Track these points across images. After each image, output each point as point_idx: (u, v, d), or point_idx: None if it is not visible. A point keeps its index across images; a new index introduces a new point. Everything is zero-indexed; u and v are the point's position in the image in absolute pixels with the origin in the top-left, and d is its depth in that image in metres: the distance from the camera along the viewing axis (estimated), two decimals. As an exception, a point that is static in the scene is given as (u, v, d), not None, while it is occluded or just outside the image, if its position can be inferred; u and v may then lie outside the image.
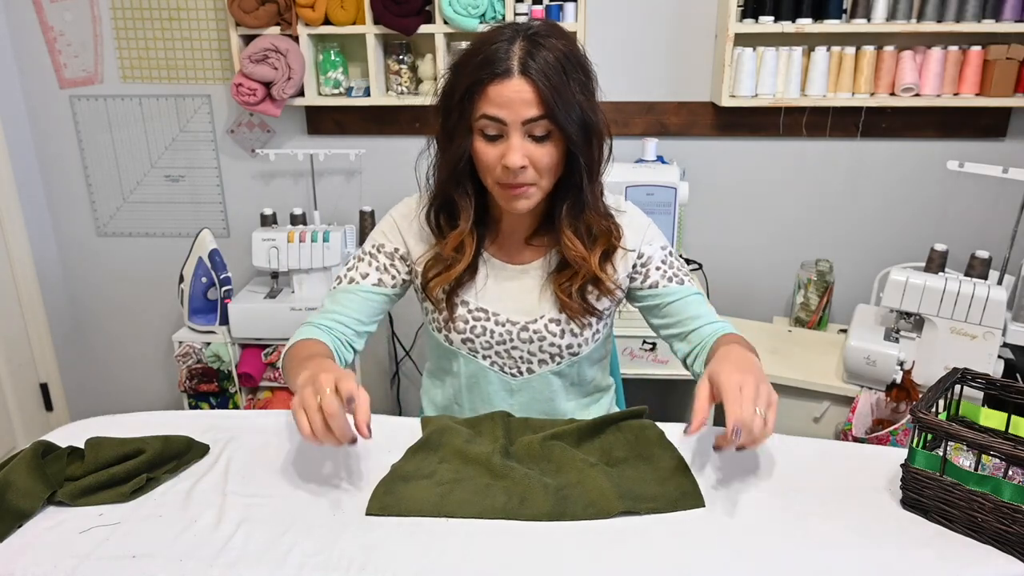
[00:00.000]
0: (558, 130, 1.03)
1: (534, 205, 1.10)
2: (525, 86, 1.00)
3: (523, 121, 1.01)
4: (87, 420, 1.15)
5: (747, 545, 0.88)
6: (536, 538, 0.90)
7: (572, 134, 1.03)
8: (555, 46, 1.02)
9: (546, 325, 1.18)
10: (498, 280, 1.20)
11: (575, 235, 1.13)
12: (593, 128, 1.06)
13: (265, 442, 1.09)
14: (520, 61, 1.01)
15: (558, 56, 1.02)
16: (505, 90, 1.01)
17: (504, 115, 1.02)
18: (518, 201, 1.08)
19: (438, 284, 1.17)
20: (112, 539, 0.89)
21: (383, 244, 1.22)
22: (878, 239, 2.29)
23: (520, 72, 1.00)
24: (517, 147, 1.02)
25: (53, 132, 2.42)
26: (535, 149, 1.04)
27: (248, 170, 2.42)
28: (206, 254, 2.17)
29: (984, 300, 1.61)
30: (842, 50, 2.03)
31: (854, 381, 1.80)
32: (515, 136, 1.02)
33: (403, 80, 2.19)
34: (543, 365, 1.22)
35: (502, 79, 1.01)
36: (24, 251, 2.43)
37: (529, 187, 1.07)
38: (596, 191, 1.13)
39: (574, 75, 1.03)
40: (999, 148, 2.16)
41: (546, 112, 1.01)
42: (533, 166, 1.05)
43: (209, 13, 2.25)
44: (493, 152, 1.05)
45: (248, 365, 2.18)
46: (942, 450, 0.93)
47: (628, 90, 2.20)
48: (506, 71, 1.01)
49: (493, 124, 1.03)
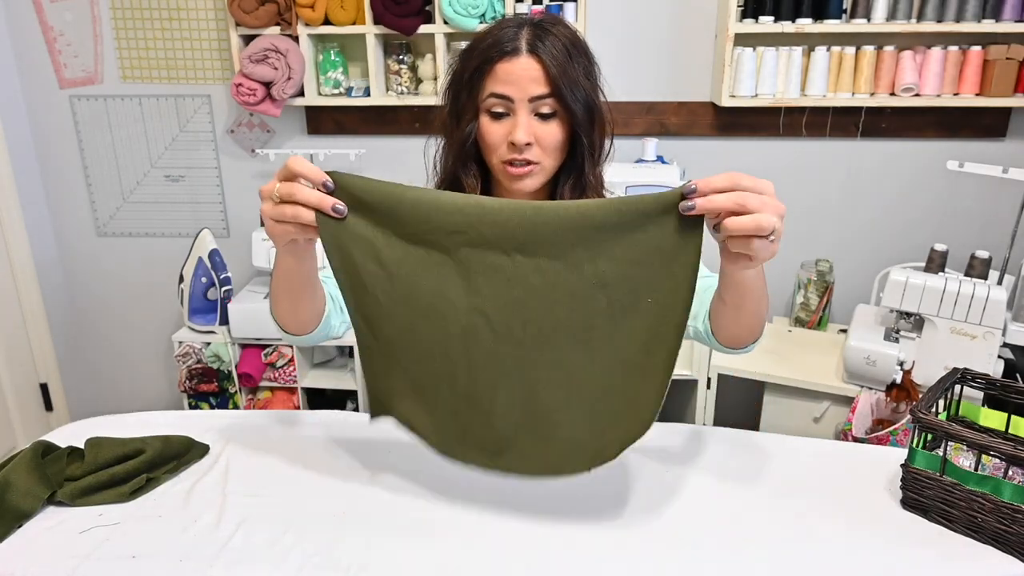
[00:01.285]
0: (563, 109, 1.05)
1: (538, 185, 1.11)
2: (533, 63, 1.03)
3: (530, 98, 1.04)
4: (87, 420, 1.16)
5: (747, 545, 0.88)
6: (536, 538, 0.90)
7: (577, 113, 1.05)
8: (561, 32, 1.06)
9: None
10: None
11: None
12: (596, 111, 1.09)
13: (265, 442, 1.09)
14: (528, 42, 1.04)
15: (564, 41, 1.05)
16: (514, 68, 1.04)
17: (511, 92, 1.04)
18: (522, 180, 1.09)
19: None
20: (112, 539, 0.89)
21: None
22: (878, 239, 2.29)
23: (528, 51, 1.04)
24: (523, 123, 1.05)
25: (53, 132, 2.42)
26: (540, 127, 1.06)
27: (248, 170, 2.42)
28: (206, 254, 2.17)
29: (984, 300, 1.61)
30: (842, 50, 2.03)
31: (854, 381, 1.80)
32: (522, 113, 1.05)
33: (403, 80, 2.19)
34: None
35: (511, 57, 1.04)
36: (24, 251, 2.43)
37: (533, 166, 1.08)
38: (598, 175, 1.14)
39: (579, 59, 1.06)
40: (999, 148, 2.16)
41: (552, 90, 1.04)
42: (538, 144, 1.07)
43: (209, 13, 2.25)
44: (500, 130, 1.07)
45: (248, 365, 2.18)
46: (942, 450, 0.93)
47: (628, 90, 2.20)
48: (514, 50, 1.04)
49: (500, 102, 1.05)
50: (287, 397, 2.26)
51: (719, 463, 1.04)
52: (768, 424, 1.94)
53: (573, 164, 1.11)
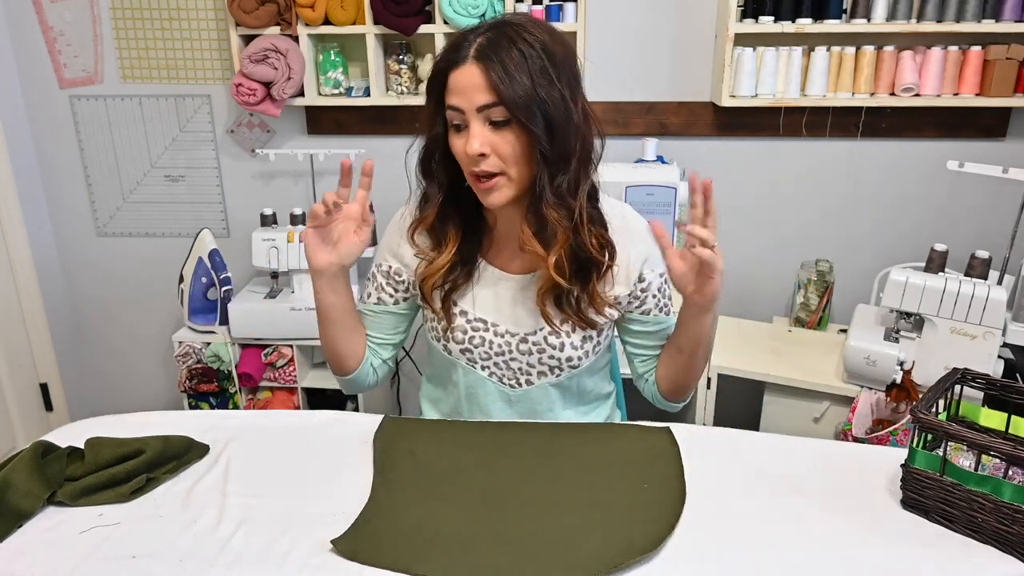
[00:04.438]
0: (514, 116, 1.01)
1: (508, 198, 1.07)
2: (476, 71, 1.00)
3: (478, 108, 1.01)
4: (87, 420, 1.16)
5: (747, 545, 0.88)
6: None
7: (528, 120, 1.00)
8: (521, 36, 1.01)
9: (545, 337, 1.17)
10: (497, 290, 1.19)
11: (533, 232, 1.08)
12: (558, 118, 1.02)
13: (265, 442, 1.09)
14: (477, 48, 1.01)
15: (522, 45, 1.00)
16: (460, 77, 1.01)
17: (460, 102, 1.02)
18: (490, 194, 1.06)
19: (428, 280, 1.16)
20: (112, 539, 0.89)
21: (380, 264, 1.25)
22: (878, 239, 2.29)
23: (473, 58, 1.00)
24: (475, 134, 1.02)
25: (53, 132, 2.42)
26: (494, 136, 1.03)
27: (248, 170, 2.42)
28: (206, 254, 2.17)
29: (984, 300, 1.61)
30: (842, 50, 2.03)
31: (854, 381, 1.80)
32: (474, 123, 1.02)
33: (403, 80, 2.19)
34: (542, 377, 1.21)
35: (458, 66, 1.02)
36: (24, 251, 2.43)
37: (499, 177, 1.05)
38: (562, 186, 1.06)
39: (537, 62, 1.00)
40: (999, 148, 2.16)
41: (498, 98, 1.00)
42: (496, 153, 1.03)
43: (209, 13, 2.25)
44: (459, 143, 1.05)
45: (248, 365, 2.18)
46: (942, 450, 0.93)
47: (628, 90, 2.20)
48: (463, 58, 1.01)
49: (456, 113, 1.03)
50: (287, 397, 2.26)
51: (719, 463, 1.04)
52: (768, 424, 1.94)
53: (547, 172, 1.06)
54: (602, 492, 0.97)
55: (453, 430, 1.10)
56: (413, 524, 0.91)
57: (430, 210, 1.14)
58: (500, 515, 0.93)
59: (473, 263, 1.18)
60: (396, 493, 0.97)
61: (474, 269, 1.19)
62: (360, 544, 0.87)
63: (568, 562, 0.85)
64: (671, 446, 1.06)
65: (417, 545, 0.88)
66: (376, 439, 1.08)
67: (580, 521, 0.91)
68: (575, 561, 0.85)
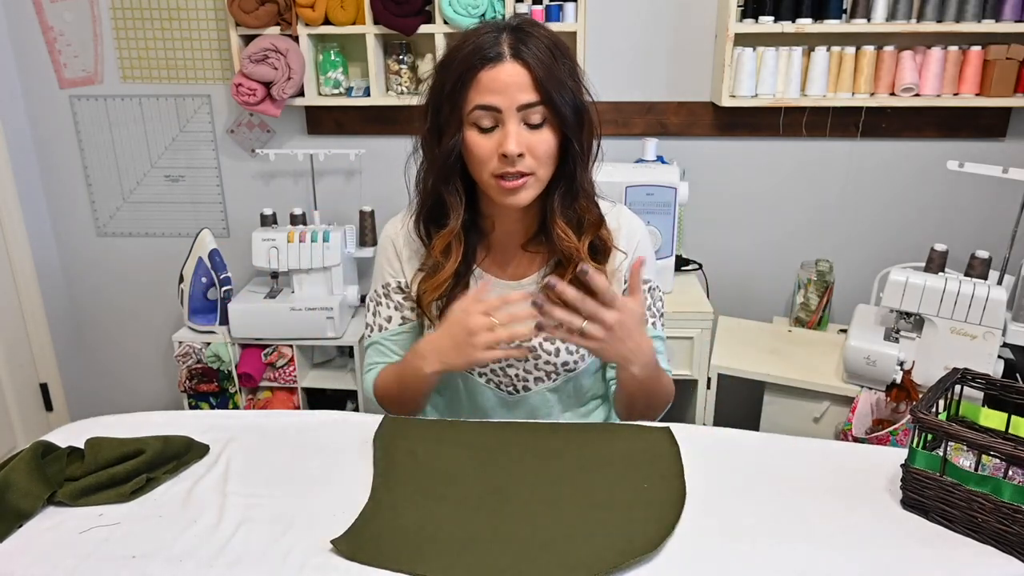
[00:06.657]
0: (553, 115, 1.01)
1: (533, 197, 1.07)
2: (519, 69, 0.99)
3: (519, 107, 1.00)
4: (87, 420, 1.15)
5: (747, 545, 0.88)
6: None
7: (567, 117, 1.01)
8: (541, 33, 1.02)
9: (541, 343, 1.17)
10: (492, 297, 1.19)
11: (568, 225, 1.10)
12: (585, 113, 1.05)
13: (265, 442, 1.09)
14: (511, 46, 1.00)
15: (546, 43, 1.01)
16: (499, 75, 0.99)
17: (498, 102, 1.00)
18: (516, 194, 1.05)
19: (429, 294, 1.15)
20: (112, 539, 0.89)
21: (389, 282, 1.22)
22: (878, 239, 2.29)
23: (512, 56, 0.99)
24: (514, 133, 1.00)
25: (53, 132, 2.42)
26: (531, 136, 1.02)
27: (248, 170, 2.42)
28: (206, 254, 2.17)
29: (984, 300, 1.61)
30: (842, 50, 2.03)
31: (854, 381, 1.80)
32: (511, 122, 1.00)
33: (403, 80, 2.19)
34: (539, 383, 1.20)
35: (495, 64, 0.99)
36: (24, 251, 2.43)
37: (528, 177, 1.04)
38: (589, 180, 1.11)
39: (563, 60, 1.02)
40: (999, 148, 2.16)
41: (542, 97, 1.00)
42: (530, 153, 1.02)
43: (209, 13, 2.25)
44: (488, 144, 1.02)
45: (248, 365, 2.18)
46: (942, 450, 0.93)
47: (628, 90, 2.20)
48: (498, 55, 0.99)
49: (488, 114, 1.01)
50: (287, 397, 2.26)
51: (719, 463, 1.04)
52: (768, 424, 1.94)
53: (564, 171, 1.07)
54: (602, 492, 0.97)
55: (453, 430, 1.10)
56: (413, 524, 0.91)
57: (452, 222, 1.11)
58: (500, 515, 0.93)
59: (469, 272, 1.18)
60: (396, 493, 0.97)
61: (470, 278, 1.18)
62: (360, 544, 0.87)
63: (568, 562, 0.85)
64: (671, 446, 1.06)
65: (417, 545, 0.88)
66: (376, 439, 1.08)
67: (580, 521, 0.91)
68: (575, 561, 0.85)
